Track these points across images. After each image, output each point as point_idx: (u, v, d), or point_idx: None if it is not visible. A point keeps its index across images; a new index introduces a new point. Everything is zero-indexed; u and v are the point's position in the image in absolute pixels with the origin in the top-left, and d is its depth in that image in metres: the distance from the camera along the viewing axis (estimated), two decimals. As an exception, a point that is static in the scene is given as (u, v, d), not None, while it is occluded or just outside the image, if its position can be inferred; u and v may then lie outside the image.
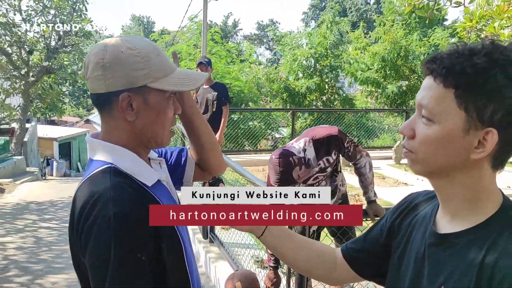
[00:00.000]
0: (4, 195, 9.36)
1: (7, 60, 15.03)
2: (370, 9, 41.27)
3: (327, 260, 1.19)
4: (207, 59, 5.77)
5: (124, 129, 1.09)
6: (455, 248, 0.85)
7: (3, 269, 4.69)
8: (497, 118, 0.79)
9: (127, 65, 1.04)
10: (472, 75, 0.79)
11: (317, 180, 2.87)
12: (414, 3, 4.70)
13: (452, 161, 0.85)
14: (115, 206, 0.95)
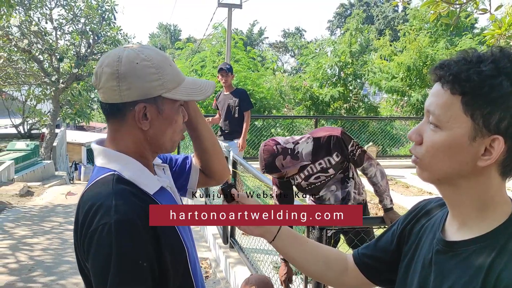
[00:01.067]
0: (33, 198, 9.62)
1: (38, 67, 15.52)
2: (398, 16, 40.88)
3: (338, 265, 1.19)
4: (228, 66, 5.72)
5: (134, 137, 1.11)
6: (462, 257, 0.85)
7: (29, 269, 4.82)
8: (504, 125, 0.79)
9: (142, 76, 1.06)
10: (478, 82, 0.79)
11: (319, 180, 2.83)
12: (439, 11, 4.66)
13: (459, 169, 0.84)
14: (116, 214, 0.97)
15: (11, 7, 8.08)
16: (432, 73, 0.87)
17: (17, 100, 19.28)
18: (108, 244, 0.95)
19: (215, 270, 4.51)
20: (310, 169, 2.80)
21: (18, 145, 14.92)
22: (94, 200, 1.02)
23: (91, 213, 1.00)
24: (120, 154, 1.11)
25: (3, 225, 6.76)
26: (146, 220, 1.00)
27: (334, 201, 2.92)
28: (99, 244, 0.96)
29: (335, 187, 2.90)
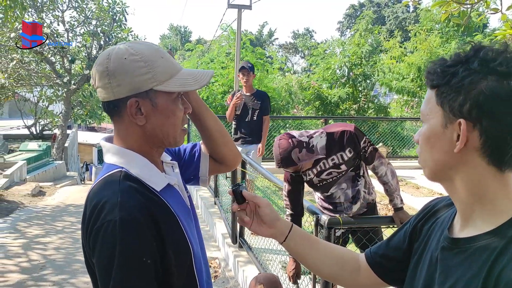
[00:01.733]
0: (45, 198, 9.73)
1: (50, 69, 15.69)
2: (409, 17, 40.64)
3: (350, 265, 1.18)
4: (250, 64, 5.48)
5: (135, 133, 1.11)
6: (466, 254, 0.85)
7: (41, 268, 4.88)
8: (466, 109, 0.82)
9: (131, 71, 1.06)
10: (441, 72, 0.86)
11: (331, 176, 2.84)
12: (450, 11, 4.63)
13: (443, 159, 0.88)
14: (121, 211, 0.98)
15: (24, 10, 8.19)
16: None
17: (29, 101, 19.52)
18: (112, 241, 0.96)
19: (224, 270, 4.53)
20: (323, 165, 2.81)
21: (30, 145, 15.11)
22: (100, 196, 1.03)
23: (97, 209, 1.01)
24: (127, 151, 1.12)
25: (15, 225, 6.85)
26: (151, 218, 1.01)
27: (344, 199, 2.92)
28: (104, 241, 0.97)
29: (346, 185, 2.90)
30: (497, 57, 0.81)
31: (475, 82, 0.81)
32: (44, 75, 16.01)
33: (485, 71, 0.81)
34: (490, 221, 0.84)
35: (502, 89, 0.79)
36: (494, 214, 0.84)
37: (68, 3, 15.38)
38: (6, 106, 26.53)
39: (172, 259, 1.04)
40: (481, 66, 0.82)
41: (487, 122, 0.80)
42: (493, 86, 0.79)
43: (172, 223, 1.08)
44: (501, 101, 0.79)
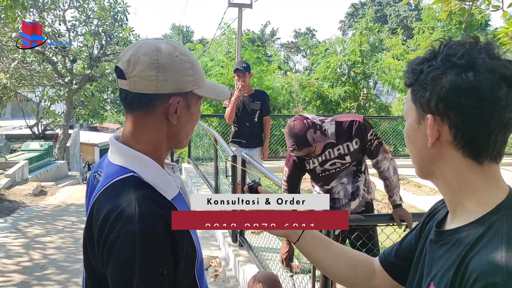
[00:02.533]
0: (46, 197, 9.75)
1: (52, 68, 15.72)
2: (411, 15, 40.55)
3: (365, 269, 1.17)
4: (245, 64, 5.09)
5: (158, 131, 1.09)
6: (448, 245, 0.87)
7: (41, 268, 4.88)
8: (433, 104, 0.84)
9: (180, 70, 1.06)
10: (410, 72, 0.90)
11: (335, 167, 2.84)
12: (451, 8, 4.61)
13: (421, 154, 0.90)
14: (140, 223, 0.94)
15: (24, 9, 8.20)
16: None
17: (31, 101, 19.56)
18: (131, 253, 0.93)
19: (224, 269, 4.52)
20: (328, 154, 2.82)
21: (32, 145, 15.14)
22: (113, 204, 0.98)
23: (112, 218, 0.96)
24: (140, 154, 1.07)
25: (16, 224, 6.85)
26: (167, 228, 0.98)
27: (343, 195, 2.92)
28: (122, 253, 0.94)
29: (346, 179, 2.90)
30: (458, 51, 0.83)
31: (437, 78, 0.83)
32: (45, 75, 16.03)
33: (446, 66, 0.83)
34: (472, 213, 0.85)
35: (461, 82, 0.81)
36: (477, 206, 0.85)
37: (69, 3, 15.41)
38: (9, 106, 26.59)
39: (181, 266, 1.03)
40: (442, 61, 0.84)
41: (453, 115, 0.82)
42: (452, 80, 0.81)
43: (184, 232, 1.05)
44: (462, 94, 0.81)
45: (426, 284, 0.89)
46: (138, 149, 1.08)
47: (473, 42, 0.84)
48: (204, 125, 7.18)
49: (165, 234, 0.97)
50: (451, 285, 0.79)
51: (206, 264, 4.55)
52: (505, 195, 0.84)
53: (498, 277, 0.72)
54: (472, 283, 0.74)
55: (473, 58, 0.81)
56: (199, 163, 7.77)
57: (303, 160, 2.86)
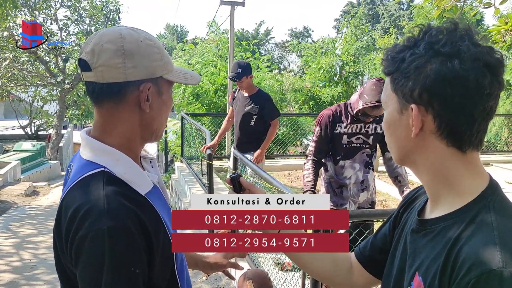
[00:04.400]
0: (39, 198, 9.69)
1: (44, 68, 15.63)
2: (403, 14, 40.70)
3: (343, 265, 1.15)
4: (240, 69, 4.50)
5: (131, 122, 1.04)
6: (432, 235, 0.85)
7: (32, 267, 4.85)
8: (416, 93, 0.82)
9: (147, 55, 1.02)
10: (391, 59, 0.87)
11: (358, 142, 2.98)
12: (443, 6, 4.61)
13: (403, 144, 0.88)
14: (109, 220, 0.91)
15: (15, 8, 8.14)
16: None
17: (24, 101, 19.46)
18: (100, 252, 0.90)
19: (216, 267, 4.50)
20: (359, 128, 2.95)
21: (24, 145, 15.07)
22: (82, 201, 0.94)
23: (80, 216, 0.92)
24: (110, 148, 1.02)
25: (8, 224, 6.81)
26: (140, 225, 0.95)
27: (354, 180, 3.01)
28: (90, 252, 0.91)
29: (359, 166, 3.01)
30: (441, 39, 0.81)
31: (420, 66, 0.81)
32: (38, 74, 15.94)
33: (430, 54, 0.81)
34: (456, 202, 0.84)
35: (446, 71, 0.79)
36: (460, 195, 0.84)
37: (61, 2, 15.32)
38: (1, 107, 26.46)
39: (157, 266, 1.00)
40: (425, 49, 0.81)
41: (437, 104, 0.81)
42: (437, 69, 0.79)
43: (159, 227, 1.02)
44: (447, 83, 0.79)
45: (409, 275, 0.87)
46: (110, 143, 1.03)
47: (453, 28, 0.82)
48: (196, 124, 7.16)
49: (136, 231, 0.93)
50: (441, 275, 0.78)
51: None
52: (487, 182, 0.84)
53: (493, 265, 0.71)
54: (466, 272, 0.73)
55: (457, 45, 0.80)
56: (192, 162, 7.74)
57: (336, 123, 2.97)
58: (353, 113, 2.91)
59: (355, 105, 2.87)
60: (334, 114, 2.97)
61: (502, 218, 0.78)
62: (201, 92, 10.57)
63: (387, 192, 6.67)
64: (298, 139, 11.49)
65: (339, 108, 3.01)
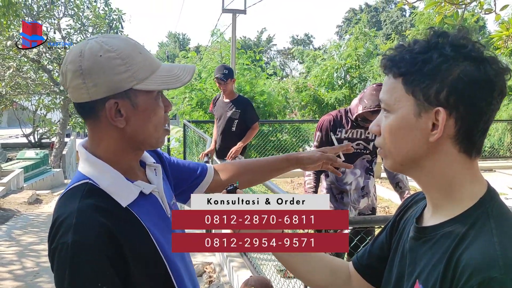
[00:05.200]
0: (42, 206, 9.70)
1: (48, 77, 15.70)
2: (405, 21, 40.78)
3: (342, 274, 1.14)
4: (226, 71, 4.59)
5: (113, 137, 1.03)
6: (431, 242, 0.84)
7: (34, 275, 4.84)
8: (443, 96, 0.80)
9: (108, 70, 0.96)
10: (410, 59, 0.83)
11: (359, 147, 2.96)
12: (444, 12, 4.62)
13: (414, 148, 0.85)
14: (75, 234, 0.91)
15: (18, 17, 8.20)
16: (380, 67, 0.90)
17: (27, 110, 19.54)
18: (63, 265, 0.90)
19: (219, 275, 4.49)
20: (360, 133, 2.93)
21: (27, 154, 15.11)
22: (59, 212, 0.96)
23: (55, 227, 0.94)
24: (96, 160, 1.03)
25: (10, 232, 6.81)
26: (109, 239, 0.93)
27: (355, 186, 2.99)
28: (58, 264, 0.92)
29: (360, 171, 2.99)
30: (466, 43, 0.80)
31: (451, 68, 0.79)
32: (41, 83, 16.02)
33: (460, 57, 0.79)
34: (456, 208, 0.83)
35: (479, 75, 0.78)
36: (461, 201, 0.83)
37: (64, 11, 15.43)
38: (5, 115, 26.56)
39: (140, 275, 0.98)
40: (454, 51, 0.80)
41: (464, 108, 0.79)
42: (471, 72, 0.78)
43: (140, 237, 1.01)
44: (478, 87, 0.78)
45: (410, 283, 0.86)
46: (98, 155, 1.04)
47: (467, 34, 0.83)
48: (199, 131, 7.18)
49: (104, 245, 0.92)
50: (442, 282, 0.77)
51: (200, 270, 4.52)
52: (485, 189, 0.84)
53: (494, 271, 0.70)
54: (467, 279, 0.72)
55: (483, 51, 0.80)
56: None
57: (337, 128, 2.96)
58: (353, 118, 2.91)
59: (355, 110, 2.86)
60: (334, 119, 2.97)
61: (502, 224, 0.78)
62: (205, 99, 10.61)
63: (389, 198, 6.65)
64: (300, 146, 11.47)
65: (339, 113, 3.01)
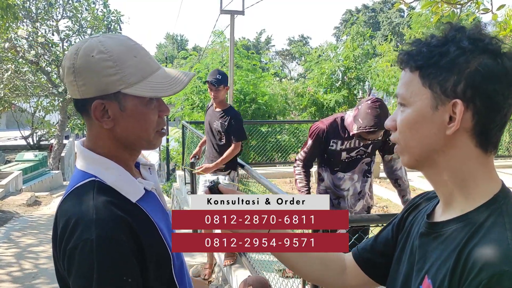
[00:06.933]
0: (40, 207, 9.69)
1: (46, 79, 15.71)
2: (403, 22, 40.83)
3: (336, 264, 1.14)
4: (219, 76, 4.20)
5: (104, 136, 1.03)
6: (443, 237, 0.84)
7: (33, 277, 4.84)
8: (460, 89, 0.79)
9: (97, 70, 0.97)
10: (427, 53, 0.83)
11: (358, 154, 2.89)
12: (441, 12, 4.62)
13: (430, 142, 0.84)
14: (97, 229, 0.91)
15: (16, 19, 8.20)
16: (397, 62, 0.90)
17: (26, 112, 19.52)
18: (89, 263, 0.89)
19: (217, 275, 4.49)
20: (358, 142, 2.85)
21: (26, 155, 15.05)
22: (72, 212, 0.95)
23: (70, 227, 0.92)
24: (100, 157, 1.03)
25: (9, 234, 6.80)
26: (130, 233, 0.94)
27: (352, 192, 2.95)
28: (80, 263, 0.90)
29: (357, 176, 2.94)
30: (483, 37, 0.80)
31: (467, 61, 0.79)
32: (39, 85, 16.02)
33: (478, 50, 0.79)
34: (468, 204, 0.83)
35: (496, 68, 0.78)
36: (474, 197, 0.83)
37: (62, 13, 15.43)
38: (3, 117, 26.54)
39: (152, 272, 0.99)
40: (473, 44, 0.80)
41: (480, 101, 0.79)
42: (489, 64, 0.78)
43: (153, 234, 1.02)
44: (495, 80, 0.78)
45: (419, 279, 0.85)
46: (99, 152, 1.04)
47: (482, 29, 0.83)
48: (197, 132, 7.17)
49: (127, 239, 0.93)
50: (451, 277, 0.76)
51: (199, 271, 4.52)
52: (499, 187, 0.84)
53: (506, 265, 0.70)
54: (476, 273, 0.72)
55: (500, 44, 0.80)
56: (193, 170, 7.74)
57: (330, 139, 2.86)
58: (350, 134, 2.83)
59: (350, 127, 2.78)
60: (327, 131, 2.84)
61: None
62: (205, 100, 10.65)
63: (388, 198, 6.65)
64: (299, 146, 11.46)
65: (335, 122, 2.88)
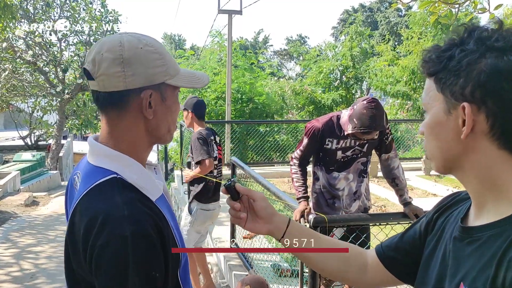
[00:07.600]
0: (39, 207, 9.68)
1: (44, 79, 15.68)
2: (401, 21, 40.85)
3: (357, 261, 1.12)
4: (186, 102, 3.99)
5: (136, 128, 1.05)
6: (478, 243, 0.80)
7: (31, 277, 4.84)
8: (468, 91, 0.78)
9: (147, 62, 1.02)
10: (436, 58, 0.83)
11: (354, 152, 2.88)
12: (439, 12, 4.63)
13: (449, 147, 0.83)
14: (131, 225, 0.91)
15: (14, 19, 8.18)
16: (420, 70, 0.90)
17: (24, 112, 19.48)
18: (124, 257, 0.89)
19: (216, 275, 4.50)
20: (354, 141, 2.84)
21: (24, 156, 15.04)
22: (98, 208, 0.94)
23: (98, 223, 0.91)
24: (121, 155, 1.03)
25: (7, 235, 6.80)
26: (158, 229, 0.95)
27: (347, 192, 2.93)
28: (113, 258, 0.90)
29: (352, 176, 2.92)
30: (492, 35, 0.79)
31: (473, 62, 0.77)
32: (37, 85, 15.99)
33: (483, 49, 0.77)
34: (504, 209, 0.79)
35: (503, 65, 0.75)
36: (508, 201, 0.79)
37: (60, 13, 15.41)
38: (1, 118, 26.49)
39: (169, 269, 1.00)
40: (477, 45, 0.78)
41: (492, 102, 0.76)
42: (493, 63, 0.76)
43: (170, 234, 1.02)
44: (503, 78, 0.75)
45: (453, 284, 0.83)
46: (118, 149, 1.04)
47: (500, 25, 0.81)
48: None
49: (156, 236, 0.94)
50: (492, 285, 0.73)
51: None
52: None
53: None
54: None
55: (509, 39, 0.77)
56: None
57: (325, 138, 2.85)
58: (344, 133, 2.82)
59: (345, 127, 2.78)
60: (323, 129, 2.85)
61: None
62: (204, 99, 10.66)
63: (386, 197, 6.67)
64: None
65: (331, 121, 2.88)
